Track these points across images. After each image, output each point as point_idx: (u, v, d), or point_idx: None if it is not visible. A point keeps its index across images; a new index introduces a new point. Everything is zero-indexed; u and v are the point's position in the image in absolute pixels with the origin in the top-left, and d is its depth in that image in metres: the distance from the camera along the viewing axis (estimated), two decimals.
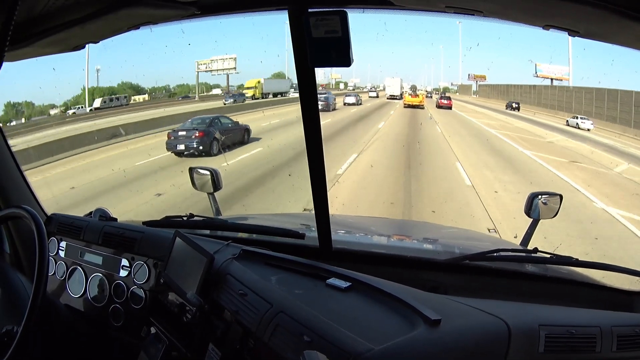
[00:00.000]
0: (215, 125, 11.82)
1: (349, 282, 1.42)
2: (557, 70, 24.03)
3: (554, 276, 1.73)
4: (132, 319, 1.77)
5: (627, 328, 1.30)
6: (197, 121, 12.08)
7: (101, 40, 1.70)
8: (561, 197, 2.10)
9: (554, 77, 24.17)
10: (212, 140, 11.27)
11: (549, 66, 24.22)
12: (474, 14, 1.27)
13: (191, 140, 11.10)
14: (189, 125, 11.78)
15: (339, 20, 1.24)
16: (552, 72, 24.22)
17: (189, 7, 1.48)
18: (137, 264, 1.80)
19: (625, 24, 1.05)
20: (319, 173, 1.60)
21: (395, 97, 27.17)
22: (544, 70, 24.48)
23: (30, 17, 1.37)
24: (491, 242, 2.87)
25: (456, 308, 1.29)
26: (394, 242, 2.44)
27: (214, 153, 11.19)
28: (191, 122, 12.14)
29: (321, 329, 1.18)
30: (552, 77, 24.24)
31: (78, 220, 2.04)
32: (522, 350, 1.17)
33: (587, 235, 6.35)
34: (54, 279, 1.95)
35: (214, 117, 12.42)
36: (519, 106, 25.10)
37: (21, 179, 2.06)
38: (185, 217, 2.02)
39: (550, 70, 24.20)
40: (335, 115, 19.63)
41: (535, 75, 24.81)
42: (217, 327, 1.45)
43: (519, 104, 25.58)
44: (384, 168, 10.01)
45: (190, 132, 11.30)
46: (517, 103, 25.63)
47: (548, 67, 24.24)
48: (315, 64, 1.37)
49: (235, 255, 1.62)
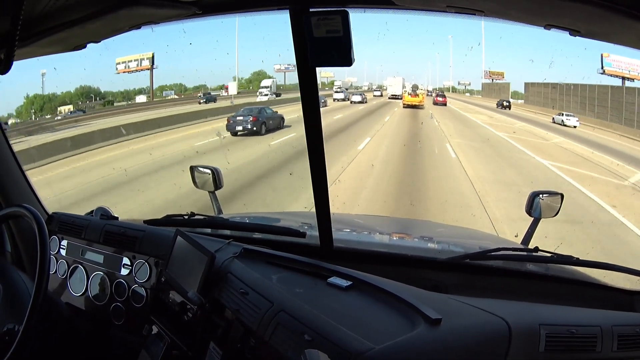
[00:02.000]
0: (262, 113, 14.95)
1: (349, 281, 1.42)
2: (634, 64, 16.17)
3: (555, 275, 1.73)
4: (133, 318, 1.77)
5: (627, 328, 1.30)
6: (247, 110, 15.30)
7: (102, 39, 1.71)
8: (562, 196, 2.10)
9: (629, 75, 16.52)
10: (262, 124, 14.36)
11: (621, 60, 16.31)
12: (475, 14, 1.27)
13: (247, 123, 14.20)
14: (243, 112, 14.90)
15: (340, 19, 1.24)
16: (626, 68, 16.44)
17: (190, 7, 1.48)
18: (138, 262, 1.80)
19: (626, 23, 1.05)
20: (320, 171, 1.60)
21: (397, 97, 27.17)
22: (613, 65, 16.66)
23: (31, 17, 1.37)
24: (492, 241, 2.86)
25: (457, 307, 1.29)
26: (395, 240, 2.44)
27: (262, 133, 14.11)
28: (244, 110, 15.26)
29: (322, 327, 1.19)
30: (624, 76, 16.68)
31: (79, 219, 2.05)
32: (522, 349, 1.17)
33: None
34: (55, 278, 1.95)
35: (261, 107, 15.68)
36: (510, 104, 24.71)
37: (22, 178, 2.06)
38: (186, 216, 2.02)
39: (622, 64, 16.49)
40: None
41: (602, 72, 16.96)
42: (218, 325, 1.45)
43: (509, 102, 24.94)
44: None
45: (246, 117, 14.40)
46: (508, 101, 25.04)
47: (620, 61, 16.34)
48: (316, 64, 1.37)
49: (237, 254, 1.62)
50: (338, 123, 17.11)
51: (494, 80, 27.65)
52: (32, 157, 10.36)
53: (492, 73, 27.47)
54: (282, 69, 28.59)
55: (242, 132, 14.14)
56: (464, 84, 31.70)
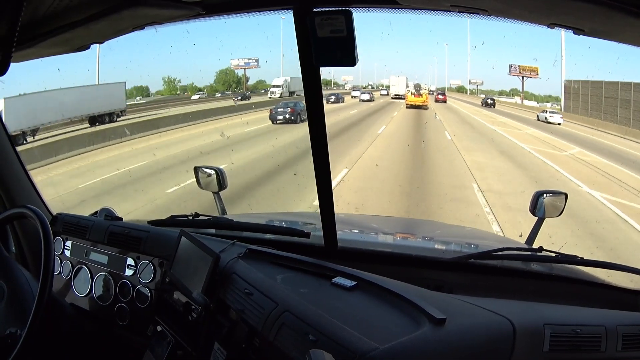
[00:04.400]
0: (298, 105, 17.62)
1: (354, 281, 1.42)
2: None
3: (559, 275, 1.73)
4: (138, 318, 1.78)
5: (632, 327, 1.30)
6: (284, 104, 18.29)
7: (106, 40, 1.71)
8: (566, 195, 2.10)
9: None
10: (298, 114, 17.08)
11: None
12: (479, 13, 1.27)
13: (286, 114, 17.43)
14: (282, 105, 18.07)
15: (344, 19, 1.24)
16: None
17: (193, 7, 1.48)
18: (143, 263, 1.80)
19: (630, 21, 1.04)
20: (324, 171, 1.60)
21: (400, 97, 27.25)
22: None
23: (34, 18, 1.37)
24: (496, 240, 2.86)
25: (461, 307, 1.29)
26: (399, 240, 2.44)
27: (298, 122, 16.78)
28: (282, 104, 18.32)
29: (326, 328, 1.19)
30: None
31: (83, 219, 2.05)
32: (527, 349, 1.17)
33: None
34: (59, 279, 1.96)
35: (296, 102, 18.49)
36: (494, 102, 24.11)
37: (26, 179, 2.07)
38: (191, 217, 2.02)
39: None
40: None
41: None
42: (223, 326, 1.46)
43: (494, 99, 24.37)
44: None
45: (284, 109, 17.64)
46: (492, 99, 24.59)
47: None
48: (320, 64, 1.37)
49: (241, 255, 1.62)
50: (357, 115, 20.91)
51: (525, 77, 22.40)
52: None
53: (523, 69, 21.94)
54: (241, 65, 29.13)
55: (281, 121, 17.31)
56: (475, 82, 29.03)
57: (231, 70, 30.20)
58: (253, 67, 29.99)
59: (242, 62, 29.42)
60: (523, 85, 23.06)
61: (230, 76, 30.72)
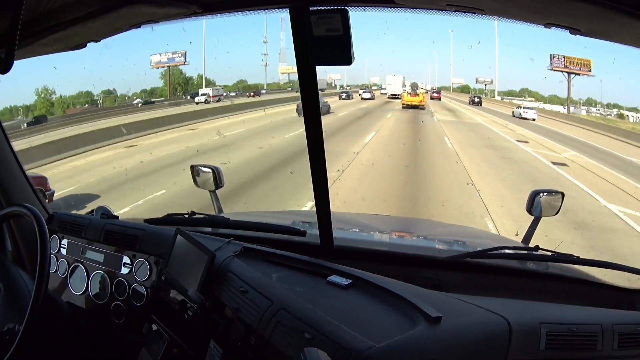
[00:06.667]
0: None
1: (350, 280, 1.42)
2: None
3: (555, 274, 1.73)
4: (134, 316, 1.78)
5: (628, 326, 1.30)
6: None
7: (102, 39, 1.70)
8: (563, 194, 2.10)
9: None
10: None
11: None
12: (475, 12, 1.27)
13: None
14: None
15: (340, 18, 1.24)
16: None
17: (190, 6, 1.47)
18: (139, 261, 1.80)
19: (627, 22, 1.04)
20: (320, 170, 1.60)
21: (397, 97, 27.25)
22: None
23: (30, 16, 1.37)
24: (493, 239, 2.87)
25: (457, 305, 1.29)
26: (395, 239, 2.45)
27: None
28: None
29: (322, 326, 1.19)
30: None
31: (80, 218, 2.05)
32: (523, 348, 1.18)
33: None
34: (55, 277, 1.95)
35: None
36: (481, 100, 25.79)
37: (23, 177, 2.06)
38: (187, 215, 2.02)
39: None
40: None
41: None
42: (219, 324, 1.46)
43: (480, 97, 25.59)
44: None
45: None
46: (479, 97, 25.73)
47: None
48: (316, 62, 1.37)
49: (237, 253, 1.62)
50: (367, 108, 23.55)
51: (573, 74, 15.96)
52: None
53: (570, 61, 15.14)
54: (164, 62, 27.14)
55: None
56: (483, 81, 26.94)
57: (178, 69, 28.14)
58: (179, 64, 27.36)
59: (164, 57, 26.63)
60: (569, 86, 16.92)
61: (176, 76, 28.47)
